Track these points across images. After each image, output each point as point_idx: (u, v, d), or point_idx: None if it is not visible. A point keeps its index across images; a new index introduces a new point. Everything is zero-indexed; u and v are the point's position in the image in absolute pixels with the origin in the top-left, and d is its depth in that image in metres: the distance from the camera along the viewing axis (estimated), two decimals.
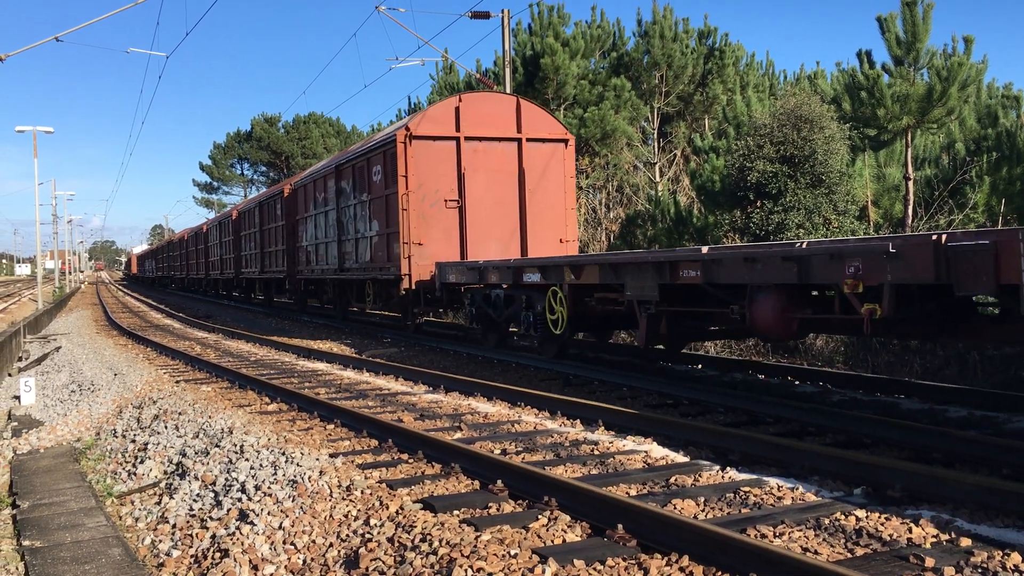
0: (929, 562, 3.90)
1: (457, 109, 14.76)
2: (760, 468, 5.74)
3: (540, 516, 4.78)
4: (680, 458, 6.15)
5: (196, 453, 7.05)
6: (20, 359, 17.89)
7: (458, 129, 14.66)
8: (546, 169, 15.12)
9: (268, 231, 25.73)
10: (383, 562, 4.28)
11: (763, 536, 4.40)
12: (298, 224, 22.13)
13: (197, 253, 42.42)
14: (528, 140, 14.96)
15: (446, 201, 14.60)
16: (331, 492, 5.39)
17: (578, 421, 7.62)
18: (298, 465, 5.94)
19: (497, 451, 6.51)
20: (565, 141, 15.33)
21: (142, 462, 7.28)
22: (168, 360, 14.79)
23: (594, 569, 4.03)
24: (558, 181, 15.25)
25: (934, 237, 5.62)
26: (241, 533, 5.00)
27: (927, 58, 16.89)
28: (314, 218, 20.23)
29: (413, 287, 14.33)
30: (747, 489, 5.24)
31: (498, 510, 5.05)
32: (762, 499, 5.05)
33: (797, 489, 5.21)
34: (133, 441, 8.15)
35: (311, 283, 22.25)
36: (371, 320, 20.71)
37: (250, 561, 4.63)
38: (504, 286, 12.13)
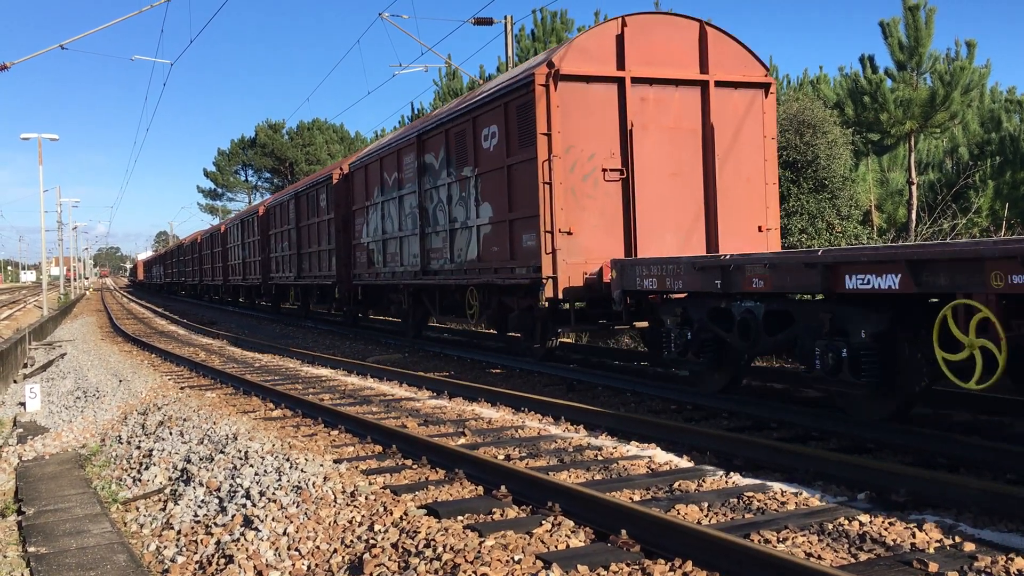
0: (933, 567, 3.90)
1: (619, 37, 10.52)
2: (764, 473, 5.75)
3: (544, 521, 4.79)
4: (684, 463, 6.16)
5: (201, 459, 7.06)
6: (25, 366, 17.93)
7: (621, 67, 10.50)
8: (741, 127, 10.99)
9: (307, 228, 21.55)
10: (387, 568, 4.29)
11: (767, 541, 4.40)
12: (355, 216, 17.69)
13: (213, 257, 38.23)
14: (717, 84, 10.82)
15: (604, 171, 10.44)
16: (335, 498, 5.40)
17: (582, 426, 7.62)
18: (302, 471, 5.96)
19: (501, 456, 6.52)
20: (766, 87, 11.09)
21: (147, 468, 7.30)
22: (173, 366, 14.82)
23: (597, 574, 4.03)
24: (755, 144, 11.03)
25: None
26: (246, 539, 5.01)
27: (930, 62, 16.94)
28: (380, 206, 15.94)
29: (560, 295, 10.21)
30: (751, 494, 5.24)
31: (502, 515, 5.06)
32: (766, 504, 5.05)
33: (801, 494, 5.21)
34: (138, 447, 8.17)
35: (373, 290, 17.87)
36: (449, 338, 16.73)
37: (255, 567, 4.65)
38: (752, 291, 7.46)
